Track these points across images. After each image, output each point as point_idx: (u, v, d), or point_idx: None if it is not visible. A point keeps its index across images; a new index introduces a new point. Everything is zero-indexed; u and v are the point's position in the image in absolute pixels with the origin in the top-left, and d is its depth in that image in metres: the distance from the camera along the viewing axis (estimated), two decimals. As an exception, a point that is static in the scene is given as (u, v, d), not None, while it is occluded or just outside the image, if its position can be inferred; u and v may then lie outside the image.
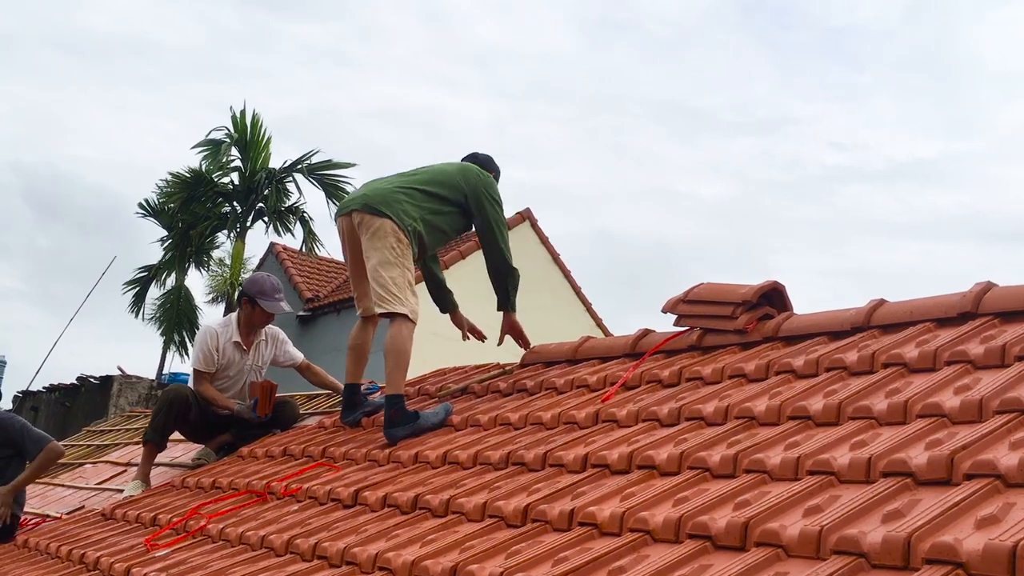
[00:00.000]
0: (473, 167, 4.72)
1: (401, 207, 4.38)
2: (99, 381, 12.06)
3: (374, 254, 4.32)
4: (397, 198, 4.40)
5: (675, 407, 3.15)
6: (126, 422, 9.44)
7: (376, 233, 4.32)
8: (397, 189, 4.46)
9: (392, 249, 4.30)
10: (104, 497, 5.60)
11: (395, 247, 4.31)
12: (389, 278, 4.27)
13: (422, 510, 3.06)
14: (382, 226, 4.32)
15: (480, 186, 4.60)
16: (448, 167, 4.69)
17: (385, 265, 4.29)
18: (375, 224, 4.33)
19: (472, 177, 4.62)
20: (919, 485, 2.08)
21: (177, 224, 17.61)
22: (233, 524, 3.59)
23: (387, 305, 4.26)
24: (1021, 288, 3.02)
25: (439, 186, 4.55)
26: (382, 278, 4.28)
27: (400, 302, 4.26)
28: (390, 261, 4.30)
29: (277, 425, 5.37)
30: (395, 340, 4.24)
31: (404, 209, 4.38)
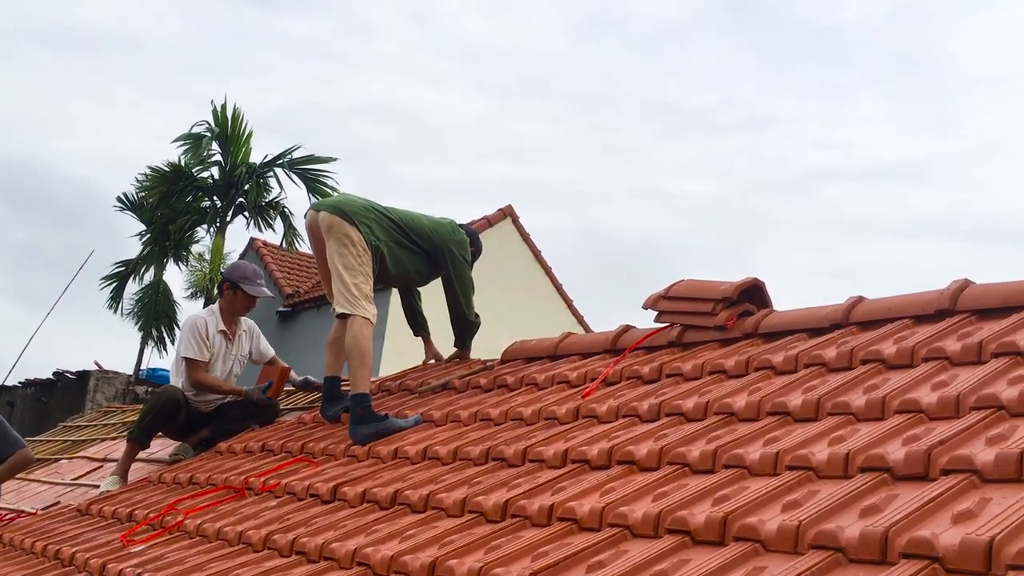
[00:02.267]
0: (449, 224, 4.96)
1: (371, 225, 4.55)
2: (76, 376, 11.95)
3: (339, 258, 4.45)
4: (368, 216, 4.57)
5: (655, 403, 3.16)
6: (103, 417, 9.36)
7: (343, 240, 4.45)
8: (371, 209, 4.62)
9: (357, 257, 4.46)
10: (80, 493, 5.55)
11: (360, 256, 4.46)
12: (353, 283, 4.41)
13: (401, 505, 3.05)
14: (350, 233, 4.46)
15: (450, 242, 4.86)
16: (424, 218, 4.89)
17: (350, 270, 4.44)
18: (344, 229, 4.46)
19: (444, 232, 4.87)
20: (896, 480, 2.09)
21: (156, 219, 17.47)
22: (210, 520, 3.56)
23: (348, 307, 4.39)
24: (997, 286, 3.04)
25: (410, 229, 4.75)
26: (346, 282, 4.41)
27: (363, 307, 4.39)
28: (354, 267, 4.44)
29: (256, 420, 5.34)
30: (357, 339, 4.34)
31: (373, 228, 4.55)
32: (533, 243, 18.08)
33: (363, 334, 4.35)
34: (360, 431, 4.03)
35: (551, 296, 17.99)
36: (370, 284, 4.50)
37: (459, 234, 4.96)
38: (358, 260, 4.45)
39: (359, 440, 4.00)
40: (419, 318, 5.34)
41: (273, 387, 5.38)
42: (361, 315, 4.36)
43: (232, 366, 5.49)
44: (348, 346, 4.36)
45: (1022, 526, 1.68)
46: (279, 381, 5.42)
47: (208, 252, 17.68)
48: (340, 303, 4.43)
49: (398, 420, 4.10)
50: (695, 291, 3.91)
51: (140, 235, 17.89)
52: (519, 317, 13.73)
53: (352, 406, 4.17)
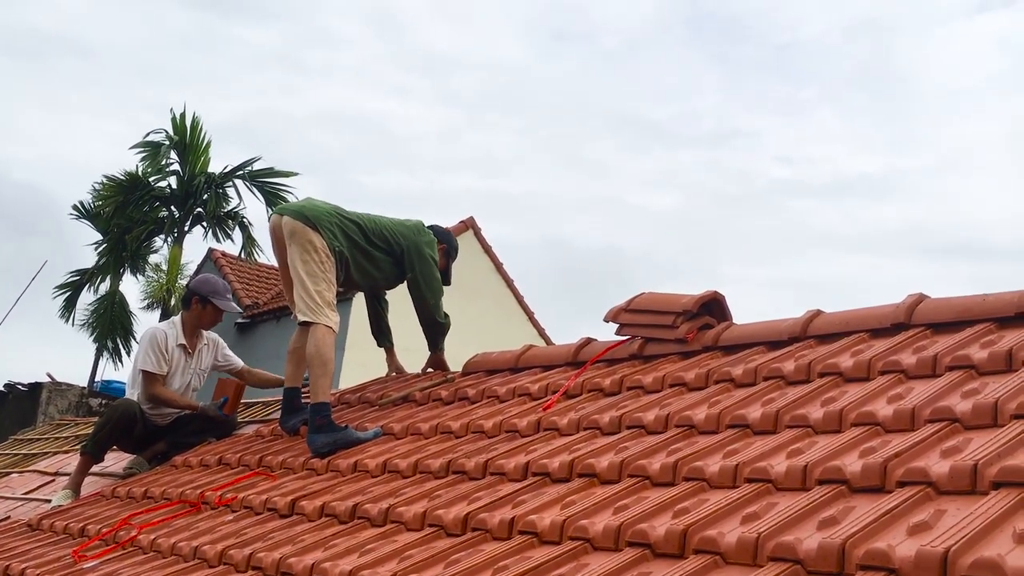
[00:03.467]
0: (416, 224, 4.90)
1: (334, 230, 4.50)
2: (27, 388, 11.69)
3: (301, 264, 4.39)
4: (332, 221, 4.52)
5: (616, 416, 3.16)
6: (55, 430, 9.18)
7: (305, 246, 4.40)
8: (334, 214, 4.57)
9: (320, 264, 4.41)
10: (31, 507, 5.43)
11: (323, 262, 4.42)
12: (315, 291, 4.36)
13: (361, 519, 3.02)
14: (312, 239, 4.41)
15: (419, 242, 4.80)
16: (388, 221, 4.83)
17: (312, 277, 4.39)
18: (307, 235, 4.41)
19: (410, 232, 4.81)
20: (853, 492, 2.11)
21: (112, 228, 17.20)
22: (165, 535, 3.50)
23: (312, 315, 4.33)
24: (951, 300, 3.09)
25: (374, 233, 4.70)
26: (309, 289, 4.36)
27: (325, 315, 4.34)
28: (317, 274, 4.39)
29: (213, 434, 5.27)
30: (320, 347, 4.29)
31: (336, 233, 4.50)
32: (495, 255, 18.11)
33: (325, 342, 4.31)
34: (318, 441, 3.98)
35: (513, 308, 18.02)
36: (333, 291, 4.45)
37: (426, 235, 4.89)
38: (320, 267, 4.40)
39: (317, 450, 3.95)
40: (384, 327, 5.29)
41: (229, 402, 5.32)
42: (324, 323, 4.32)
43: (191, 380, 5.41)
44: (310, 354, 4.31)
45: (977, 537, 1.70)
46: (235, 396, 5.37)
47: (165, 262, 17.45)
48: (302, 311, 4.37)
49: (357, 432, 4.05)
50: (656, 304, 3.93)
51: (96, 244, 17.61)
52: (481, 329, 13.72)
53: (311, 415, 4.12)
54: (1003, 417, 2.22)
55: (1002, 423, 2.20)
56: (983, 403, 2.28)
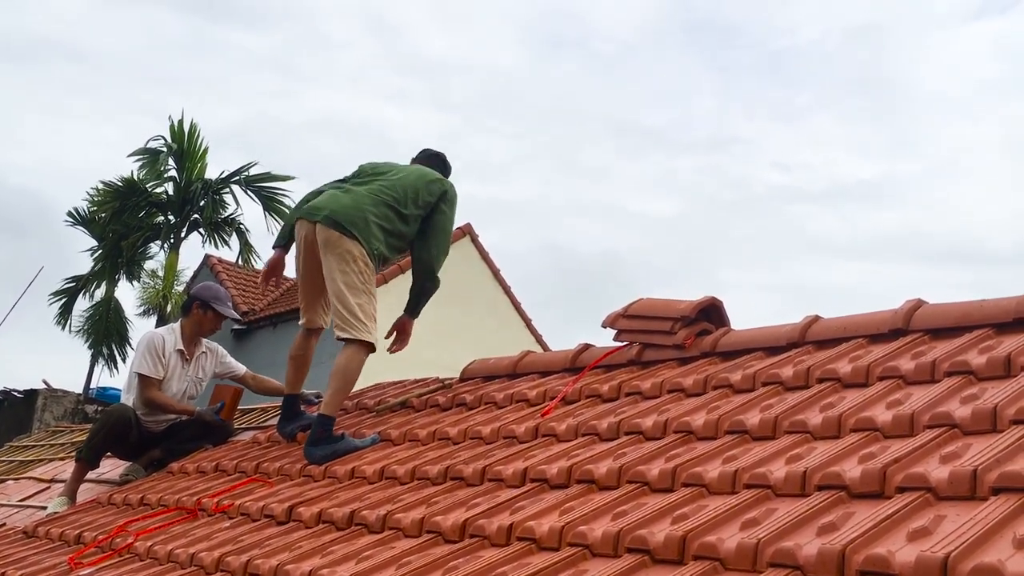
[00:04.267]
0: (435, 176, 4.57)
1: (370, 230, 4.26)
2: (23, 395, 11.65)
3: (340, 276, 4.19)
4: (367, 219, 4.26)
5: (614, 421, 3.16)
6: (51, 437, 9.15)
7: (344, 256, 4.20)
8: (367, 208, 4.30)
9: (360, 274, 4.20)
10: (27, 514, 5.40)
11: (363, 272, 4.22)
12: (356, 304, 4.18)
13: (358, 526, 3.01)
14: (351, 249, 4.20)
15: (444, 199, 4.50)
16: (413, 179, 4.48)
17: (353, 290, 4.19)
18: (344, 245, 4.20)
19: (436, 188, 4.49)
20: (853, 498, 2.11)
21: (108, 234, 17.20)
22: (162, 541, 3.48)
23: (352, 331, 4.16)
24: (949, 306, 3.10)
25: (406, 203, 4.40)
26: (349, 303, 4.17)
27: (367, 330, 4.19)
28: (357, 287, 4.20)
29: (209, 440, 5.25)
30: (348, 365, 4.18)
31: (372, 233, 4.27)
32: (492, 262, 18.12)
33: (356, 360, 4.18)
34: (316, 453, 3.94)
35: (510, 315, 18.03)
36: (374, 303, 4.29)
37: (449, 187, 4.55)
38: (360, 277, 4.21)
39: (314, 461, 3.93)
40: None
41: (226, 408, 5.31)
42: (364, 339, 4.17)
43: (187, 387, 5.40)
44: (336, 368, 4.16)
45: (976, 543, 1.70)
46: (232, 402, 5.36)
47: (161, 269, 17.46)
48: (339, 326, 4.19)
49: (354, 440, 4.04)
50: (654, 310, 3.93)
51: (91, 251, 17.61)
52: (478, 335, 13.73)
53: (315, 426, 4.06)
54: (1002, 422, 2.22)
55: (1001, 428, 2.20)
56: (982, 408, 2.28)
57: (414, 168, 4.61)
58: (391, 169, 4.54)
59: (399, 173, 4.51)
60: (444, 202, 4.49)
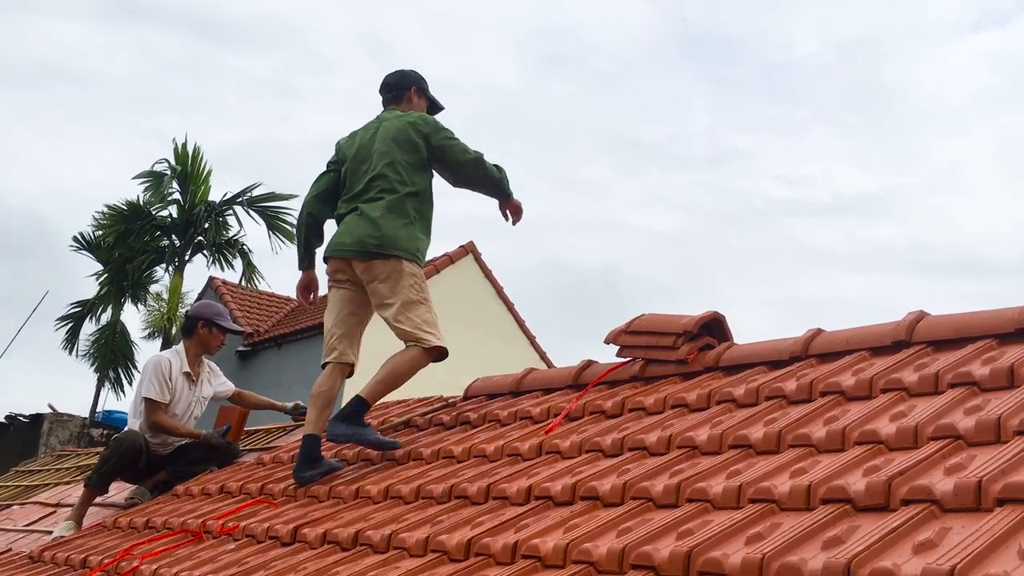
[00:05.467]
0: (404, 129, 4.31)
1: (402, 237, 4.16)
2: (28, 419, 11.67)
3: (394, 297, 4.12)
4: (395, 230, 4.15)
5: (618, 437, 3.15)
6: (56, 462, 9.14)
7: (391, 276, 4.13)
8: (390, 219, 4.16)
9: (412, 288, 4.13)
10: (33, 539, 5.40)
11: (415, 284, 4.15)
12: (420, 319, 4.13)
13: (363, 546, 3.00)
14: (396, 268, 4.12)
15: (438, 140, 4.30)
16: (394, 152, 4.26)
17: (411, 306, 4.13)
18: (387, 268, 4.12)
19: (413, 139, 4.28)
20: (858, 511, 2.10)
21: (113, 258, 17.25)
22: (167, 565, 3.48)
23: (425, 340, 4.10)
24: (952, 317, 3.09)
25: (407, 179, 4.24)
26: (410, 320, 4.11)
27: (435, 338, 4.13)
28: (414, 300, 4.13)
29: (215, 462, 5.25)
30: (403, 361, 4.11)
31: (407, 235, 4.17)
32: (495, 279, 18.13)
33: (415, 360, 4.10)
34: (338, 429, 3.95)
35: (514, 332, 18.02)
36: (432, 306, 4.22)
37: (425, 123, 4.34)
38: (415, 290, 4.13)
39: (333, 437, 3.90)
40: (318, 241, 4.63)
41: (232, 430, 5.32)
42: (434, 344, 4.10)
43: (193, 408, 5.40)
44: (392, 360, 4.11)
45: (982, 555, 1.69)
46: (238, 424, 5.36)
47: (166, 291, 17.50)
48: (411, 342, 4.12)
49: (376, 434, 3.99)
50: (656, 325, 3.93)
51: (97, 275, 17.65)
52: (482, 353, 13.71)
53: (348, 404, 4.01)
54: (1006, 433, 2.21)
55: (1005, 439, 2.19)
56: (986, 420, 2.27)
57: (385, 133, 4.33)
58: (367, 155, 4.33)
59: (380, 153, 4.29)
60: (438, 144, 4.31)
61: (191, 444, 5.31)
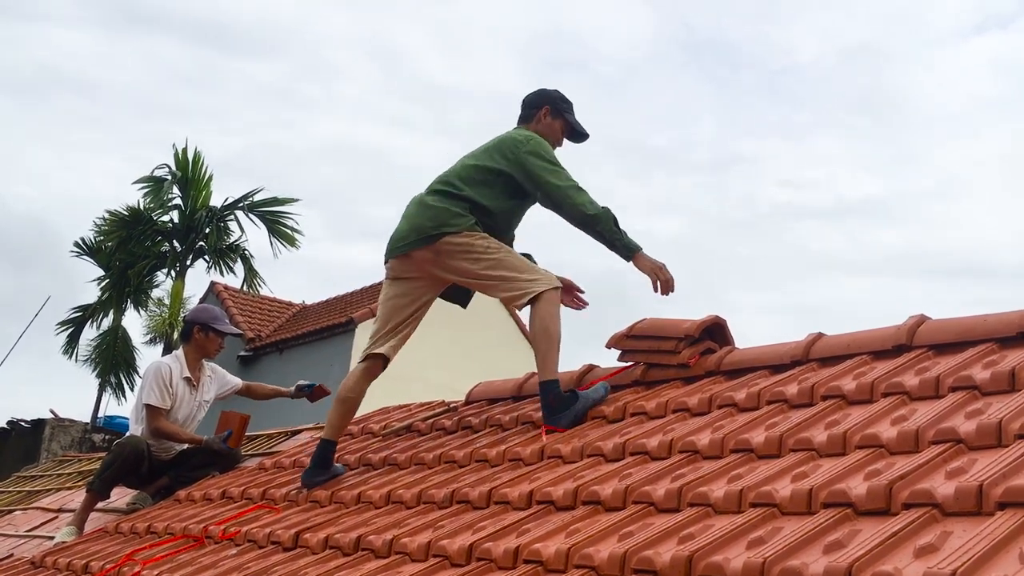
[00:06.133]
0: (506, 138, 4.09)
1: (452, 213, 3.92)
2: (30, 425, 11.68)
3: (475, 266, 3.89)
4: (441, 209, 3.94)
5: (619, 442, 3.16)
6: (58, 467, 9.15)
7: (455, 254, 3.91)
8: (434, 203, 3.98)
9: (482, 253, 3.89)
10: (34, 544, 5.40)
11: (485, 250, 3.90)
12: (508, 274, 3.87)
13: (364, 551, 3.01)
14: (457, 242, 3.90)
15: (520, 153, 3.98)
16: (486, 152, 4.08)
17: (494, 267, 3.88)
18: (445, 248, 3.91)
19: (507, 149, 4.02)
20: (859, 515, 2.10)
21: (114, 263, 17.28)
22: (168, 570, 3.48)
23: (528, 291, 3.82)
24: (953, 321, 3.09)
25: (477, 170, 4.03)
26: (498, 281, 3.88)
27: (536, 281, 3.85)
28: (492, 258, 3.88)
29: (217, 467, 5.25)
30: (544, 318, 3.82)
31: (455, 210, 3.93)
32: (497, 284, 18.08)
33: (549, 310, 3.82)
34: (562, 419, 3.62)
35: (516, 337, 18.00)
36: (514, 255, 3.97)
37: (524, 140, 4.03)
38: (485, 252, 3.88)
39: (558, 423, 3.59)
40: None
41: (233, 436, 5.31)
42: (546, 288, 3.82)
43: (195, 413, 5.41)
44: (534, 328, 3.84)
45: (983, 559, 1.69)
46: (239, 429, 5.36)
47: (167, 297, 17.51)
48: (512, 299, 3.91)
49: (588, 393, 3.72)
50: (657, 330, 3.93)
51: (98, 280, 17.68)
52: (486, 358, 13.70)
53: (543, 396, 3.78)
54: (1007, 437, 2.21)
55: (1006, 443, 2.20)
56: (987, 423, 2.27)
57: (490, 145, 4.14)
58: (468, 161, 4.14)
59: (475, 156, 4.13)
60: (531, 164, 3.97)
61: (193, 449, 5.31)
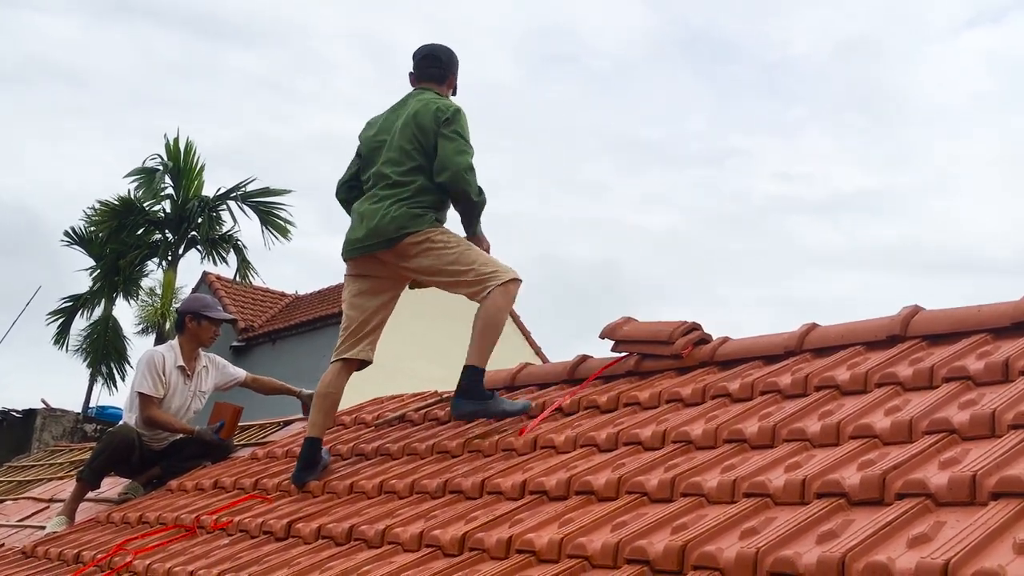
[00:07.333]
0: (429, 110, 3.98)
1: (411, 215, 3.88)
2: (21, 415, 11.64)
3: (432, 269, 3.89)
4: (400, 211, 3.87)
5: (613, 432, 3.15)
6: (49, 457, 9.13)
7: (416, 254, 3.88)
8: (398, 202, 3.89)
9: (442, 249, 3.87)
10: (26, 534, 5.38)
11: (444, 245, 3.88)
12: (473, 264, 3.84)
13: (357, 541, 3.00)
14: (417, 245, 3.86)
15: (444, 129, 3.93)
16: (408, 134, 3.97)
17: (453, 266, 3.86)
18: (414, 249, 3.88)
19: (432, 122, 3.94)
20: (852, 505, 2.10)
21: (106, 253, 17.20)
22: (160, 560, 3.47)
23: (490, 284, 3.79)
24: (946, 311, 3.09)
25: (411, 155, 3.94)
26: (463, 276, 3.85)
27: (495, 273, 3.82)
28: (451, 259, 3.86)
29: (209, 458, 5.23)
30: (492, 305, 3.78)
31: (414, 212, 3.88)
32: (490, 275, 18.11)
33: (503, 298, 3.79)
34: (465, 407, 3.69)
35: (509, 328, 18.01)
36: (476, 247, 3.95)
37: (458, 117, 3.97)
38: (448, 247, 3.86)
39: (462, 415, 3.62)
40: None
41: (226, 427, 5.27)
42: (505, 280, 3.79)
43: (190, 402, 5.38)
44: (481, 311, 3.80)
45: (977, 548, 1.69)
46: (232, 421, 5.31)
47: (159, 287, 17.43)
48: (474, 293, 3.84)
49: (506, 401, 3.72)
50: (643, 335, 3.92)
51: (89, 270, 17.60)
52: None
53: (463, 377, 3.77)
54: (1001, 427, 2.21)
55: (1000, 433, 2.20)
56: (980, 414, 2.27)
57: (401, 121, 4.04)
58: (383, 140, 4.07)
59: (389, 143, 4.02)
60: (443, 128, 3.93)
61: (185, 440, 5.29)
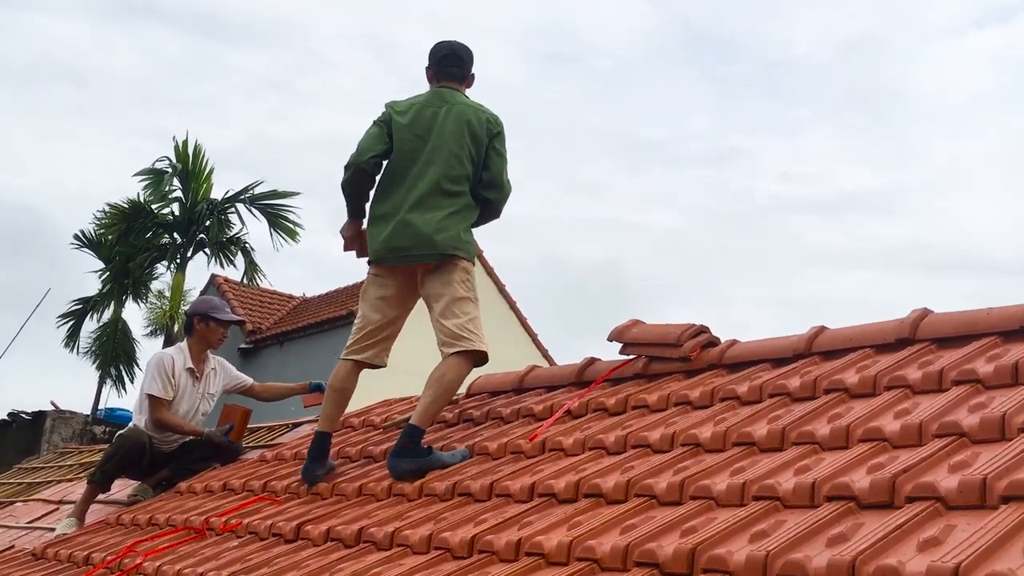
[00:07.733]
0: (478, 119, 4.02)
1: (462, 239, 3.94)
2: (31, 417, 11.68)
3: (448, 292, 3.89)
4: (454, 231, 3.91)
5: (621, 435, 3.15)
6: (59, 459, 9.15)
7: (445, 278, 3.92)
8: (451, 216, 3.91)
9: (463, 283, 3.93)
10: (35, 536, 5.40)
11: (465, 280, 3.95)
12: (467, 316, 3.89)
13: (366, 543, 3.00)
14: (452, 269, 3.92)
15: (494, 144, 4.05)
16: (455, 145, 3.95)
17: (459, 302, 3.89)
18: (443, 270, 3.92)
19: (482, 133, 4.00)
20: (862, 509, 2.10)
21: (115, 256, 17.25)
22: (170, 562, 3.48)
23: (465, 343, 3.83)
24: (956, 315, 3.09)
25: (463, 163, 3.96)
26: (457, 317, 3.87)
27: (480, 340, 3.88)
28: (463, 296, 3.91)
29: (218, 460, 5.25)
30: (449, 373, 3.82)
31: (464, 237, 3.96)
32: (498, 278, 18.14)
33: (460, 370, 3.85)
34: (400, 465, 3.63)
35: (516, 330, 18.03)
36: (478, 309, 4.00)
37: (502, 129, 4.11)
38: (465, 286, 3.93)
39: (399, 475, 3.60)
40: None
41: (235, 429, 5.29)
42: (476, 348, 3.84)
43: (199, 404, 5.40)
44: (437, 374, 3.82)
45: (987, 552, 1.69)
46: (241, 423, 5.33)
47: (168, 289, 17.49)
48: (448, 343, 3.85)
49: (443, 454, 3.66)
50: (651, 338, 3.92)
51: (99, 272, 17.65)
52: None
53: (403, 436, 3.73)
54: (1010, 431, 2.21)
55: (1010, 437, 2.19)
56: (990, 417, 2.27)
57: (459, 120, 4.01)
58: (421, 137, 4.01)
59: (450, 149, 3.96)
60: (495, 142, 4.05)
61: (194, 442, 5.31)
